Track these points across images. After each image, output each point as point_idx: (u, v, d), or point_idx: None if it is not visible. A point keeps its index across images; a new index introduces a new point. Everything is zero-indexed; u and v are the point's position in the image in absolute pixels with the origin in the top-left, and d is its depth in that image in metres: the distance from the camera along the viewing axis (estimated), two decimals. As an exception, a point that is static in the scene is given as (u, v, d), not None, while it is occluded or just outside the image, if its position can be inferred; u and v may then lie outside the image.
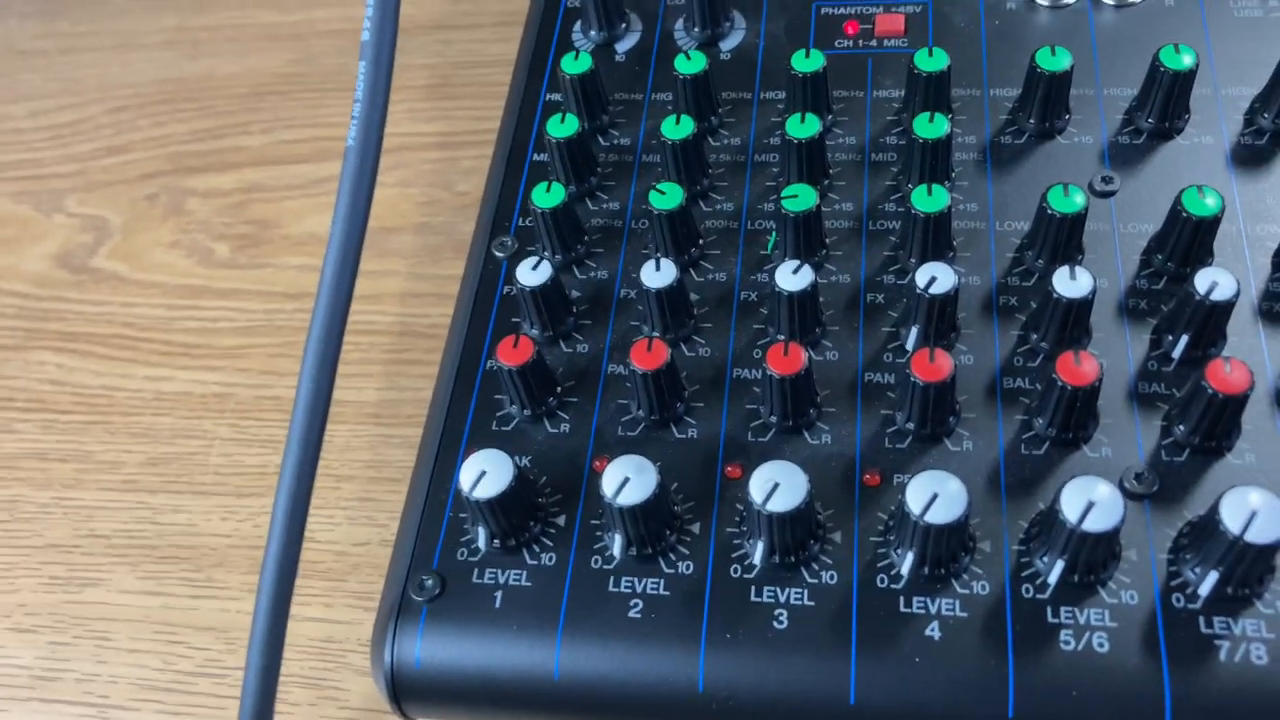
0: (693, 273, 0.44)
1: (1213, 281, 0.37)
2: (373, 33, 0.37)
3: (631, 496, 0.36)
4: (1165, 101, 0.43)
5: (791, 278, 0.40)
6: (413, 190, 0.59)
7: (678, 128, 0.44)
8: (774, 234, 0.44)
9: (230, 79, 0.67)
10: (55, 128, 0.66)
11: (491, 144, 0.51)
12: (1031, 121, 0.45)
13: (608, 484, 0.36)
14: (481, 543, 0.38)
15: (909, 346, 0.40)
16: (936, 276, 0.39)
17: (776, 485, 0.35)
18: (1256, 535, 0.32)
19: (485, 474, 0.37)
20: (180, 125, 0.65)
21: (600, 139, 0.48)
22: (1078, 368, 0.36)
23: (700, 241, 0.44)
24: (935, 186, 0.41)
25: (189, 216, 0.60)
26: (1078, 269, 0.38)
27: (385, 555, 0.44)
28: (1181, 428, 0.37)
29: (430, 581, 0.38)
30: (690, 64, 0.46)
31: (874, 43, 0.49)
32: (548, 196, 0.43)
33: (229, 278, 0.57)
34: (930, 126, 0.42)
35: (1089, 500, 0.33)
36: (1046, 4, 0.49)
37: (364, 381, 0.51)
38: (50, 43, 0.71)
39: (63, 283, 0.58)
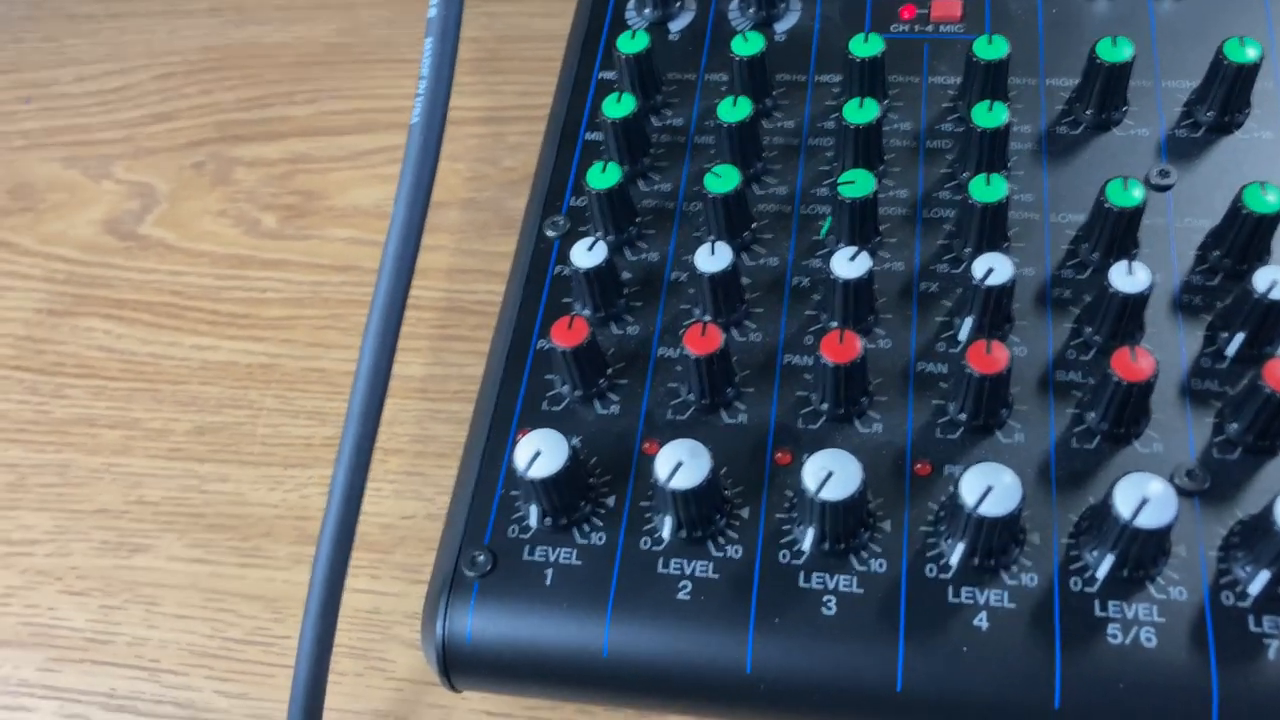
0: (745, 256, 0.44)
1: (1273, 280, 0.37)
2: (440, 7, 0.37)
3: (685, 481, 0.36)
4: (1227, 96, 0.43)
5: (848, 264, 0.40)
6: (459, 165, 0.59)
7: (734, 110, 0.44)
8: (829, 219, 0.44)
9: (276, 47, 0.67)
10: (103, 93, 0.66)
11: (538, 119, 0.51)
12: (1089, 112, 0.45)
13: (661, 467, 0.36)
14: (533, 520, 0.39)
15: (963, 337, 0.40)
16: (994, 268, 0.39)
17: (830, 474, 0.35)
18: (1312, 537, 0.32)
19: (540, 453, 0.37)
20: (227, 93, 0.65)
21: (653, 118, 0.48)
22: (1134, 364, 0.36)
23: (753, 225, 0.44)
24: (994, 176, 0.40)
25: (235, 185, 0.60)
26: (1135, 264, 0.38)
27: (431, 529, 0.45)
28: (1235, 425, 0.37)
29: (482, 557, 0.38)
30: (747, 45, 0.45)
31: (930, 27, 0.49)
32: (603, 177, 0.43)
33: (276, 248, 0.57)
34: (989, 115, 0.42)
35: (1143, 496, 0.33)
36: (1106, -8, 0.48)
37: (411, 356, 0.52)
38: (98, 7, 0.71)
39: (111, 249, 0.59)
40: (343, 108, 0.63)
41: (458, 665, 0.38)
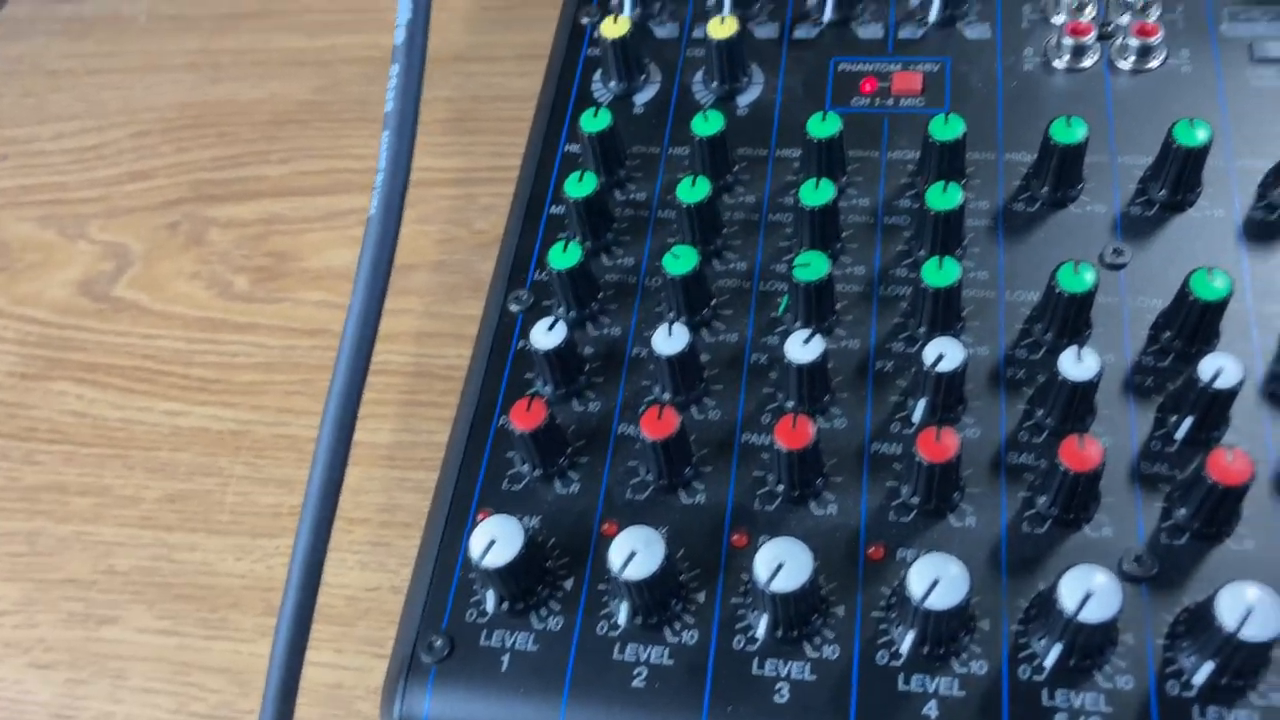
0: (704, 333, 0.44)
1: (1218, 368, 0.37)
2: (396, 100, 0.38)
3: (639, 570, 0.36)
4: (1178, 175, 0.44)
5: (802, 349, 0.40)
6: (430, 227, 0.59)
7: (693, 190, 0.44)
8: (786, 297, 0.44)
9: (252, 105, 0.67)
10: (80, 150, 0.67)
11: (510, 181, 0.52)
12: (1045, 190, 0.45)
13: (615, 557, 0.37)
14: (490, 605, 0.39)
15: (915, 419, 0.41)
16: (944, 354, 0.39)
17: (781, 565, 0.36)
18: (1252, 633, 0.33)
19: (495, 542, 0.37)
20: (202, 152, 0.65)
21: (617, 193, 0.49)
22: (1081, 452, 0.36)
23: (713, 302, 0.45)
24: (946, 260, 0.41)
25: (209, 247, 0.61)
26: (1084, 351, 0.38)
27: (395, 602, 0.45)
28: (1182, 511, 0.38)
29: (439, 642, 0.39)
30: (707, 125, 0.46)
31: (890, 101, 0.49)
32: (564, 257, 0.44)
33: (248, 311, 0.58)
34: (943, 197, 0.43)
35: (1087, 590, 0.34)
36: (1063, 67, 0.49)
37: (378, 423, 0.52)
38: (76, 62, 0.72)
39: (85, 311, 0.59)
40: (317, 167, 0.64)
41: (416, 749, 0.38)
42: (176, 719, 0.45)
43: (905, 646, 0.36)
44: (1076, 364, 0.38)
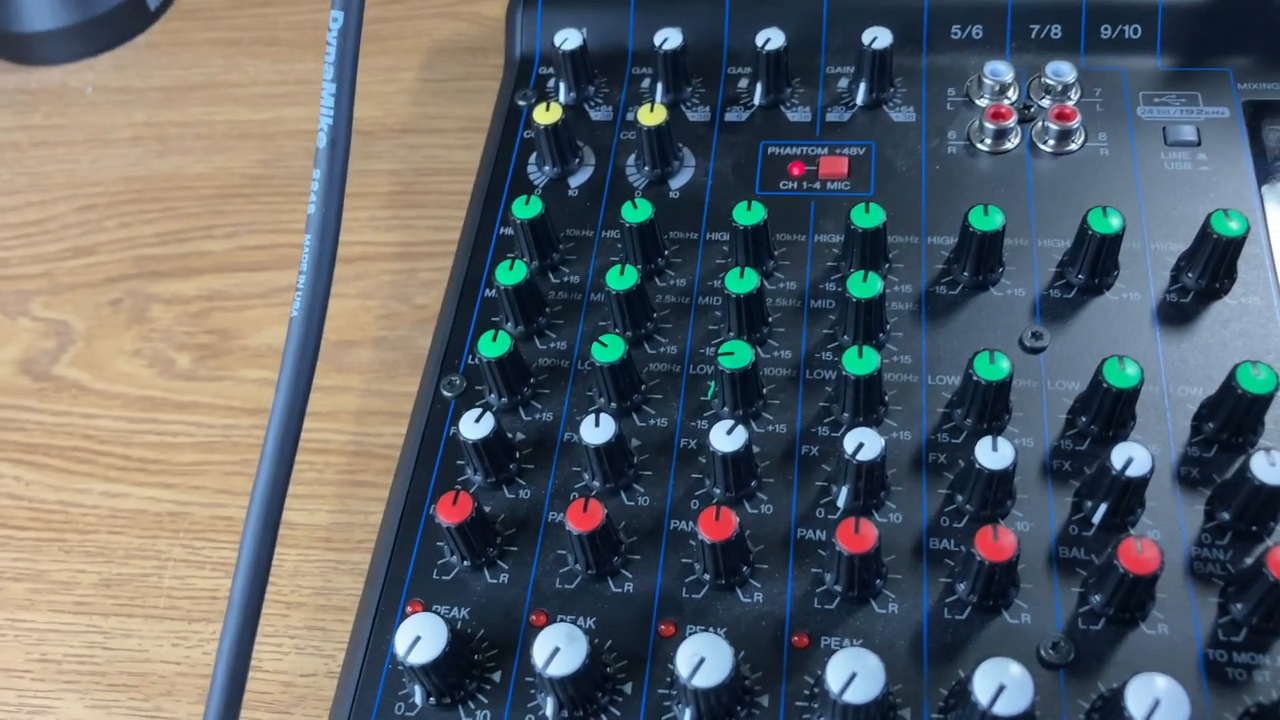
0: (635, 418, 0.45)
1: (1129, 457, 0.38)
2: (319, 204, 0.38)
3: (562, 667, 0.37)
4: (1094, 260, 0.45)
5: (725, 438, 0.41)
6: (372, 302, 0.60)
7: (622, 279, 0.45)
8: (713, 384, 0.45)
9: (197, 179, 0.68)
10: (23, 225, 0.67)
11: (451, 255, 0.52)
12: (966, 274, 0.46)
13: (538, 654, 0.37)
14: (418, 699, 0.39)
15: (840, 504, 0.41)
16: (864, 443, 0.40)
17: (703, 660, 0.36)
18: (1159, 723, 0.33)
19: (420, 639, 0.38)
20: (146, 227, 0.66)
21: (551, 276, 0.49)
22: (995, 543, 0.37)
23: (643, 387, 0.45)
24: (866, 349, 0.42)
25: (151, 324, 0.61)
26: (999, 440, 0.39)
27: (331, 688, 0.45)
28: (1097, 597, 0.38)
29: (368, 737, 0.39)
30: (636, 213, 0.47)
31: (818, 184, 0.51)
32: (494, 346, 0.44)
33: (189, 390, 0.58)
34: (864, 286, 0.44)
35: (1000, 683, 0.34)
36: (987, 149, 0.50)
37: (316, 503, 0.52)
38: (23, 135, 0.72)
39: (25, 390, 0.59)
40: (260, 242, 0.64)
41: None
42: (107, 814, 0.45)
43: (828, 739, 0.37)
44: (991, 454, 0.39)
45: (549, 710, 0.38)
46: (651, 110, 0.50)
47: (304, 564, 0.51)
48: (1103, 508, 0.40)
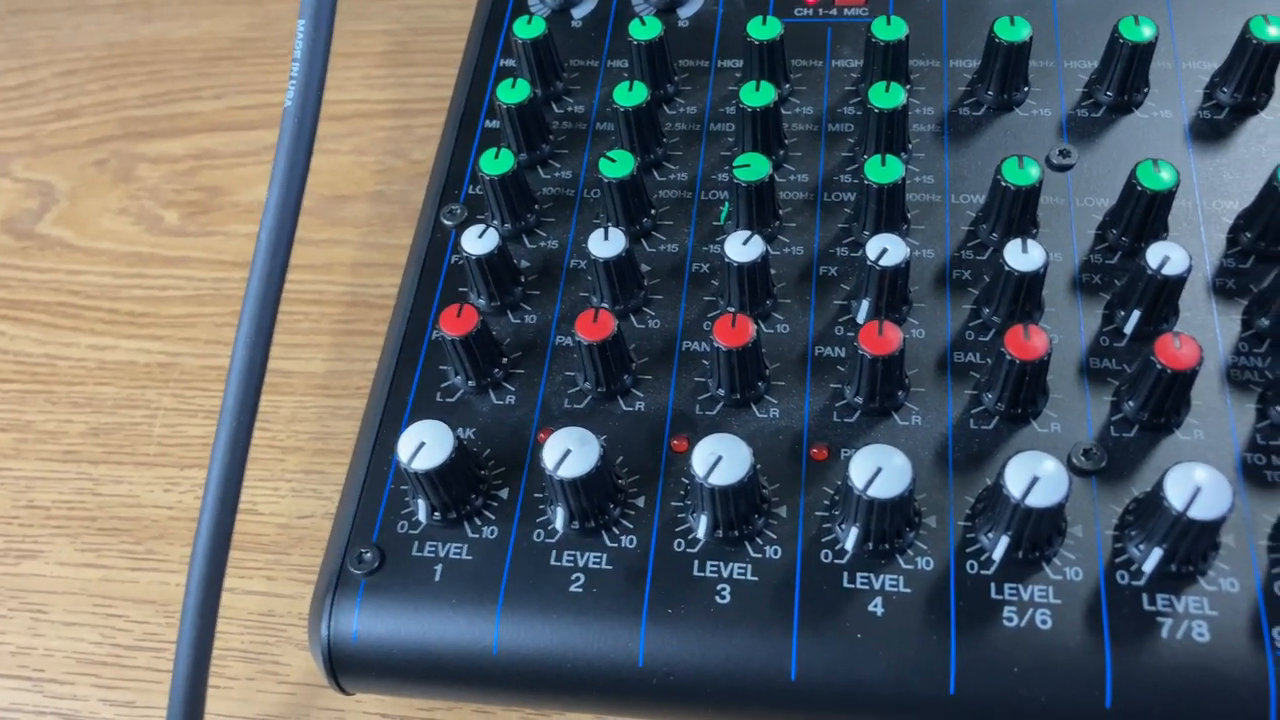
0: (645, 243, 0.43)
1: (1165, 256, 0.37)
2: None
3: (573, 469, 0.35)
4: (1124, 74, 0.43)
5: (741, 249, 0.39)
6: (367, 158, 0.58)
7: (630, 94, 0.43)
8: (727, 204, 0.43)
9: (184, 43, 0.65)
10: (3, 90, 0.64)
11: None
12: (990, 93, 0.44)
13: (549, 456, 0.35)
14: (422, 515, 0.37)
15: (860, 320, 0.40)
16: (888, 248, 0.38)
17: (719, 459, 0.34)
18: (1200, 511, 0.32)
19: (424, 445, 0.36)
20: (131, 90, 0.63)
21: (554, 106, 0.47)
22: (1026, 342, 0.35)
23: (653, 211, 0.43)
24: (889, 157, 0.40)
25: (138, 183, 0.59)
26: (1030, 242, 0.37)
27: (328, 528, 0.43)
28: (1131, 403, 0.37)
29: (369, 554, 0.37)
30: (645, 30, 0.45)
31: (834, 11, 0.48)
32: (496, 163, 0.42)
33: (178, 245, 0.56)
34: (886, 96, 0.41)
35: (1033, 475, 0.33)
36: (1009, -26, 0.48)
37: (312, 352, 0.50)
38: (1, 4, 0.69)
39: (7, 249, 0.57)
40: (250, 102, 0.62)
41: (345, 666, 0.37)
42: (99, 650, 0.43)
43: (850, 543, 0.35)
44: (1022, 255, 0.37)
45: (559, 521, 0.37)
46: (659, -70, 0.47)
47: (301, 410, 0.49)
48: (1136, 314, 0.38)
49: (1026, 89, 0.44)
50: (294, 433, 0.48)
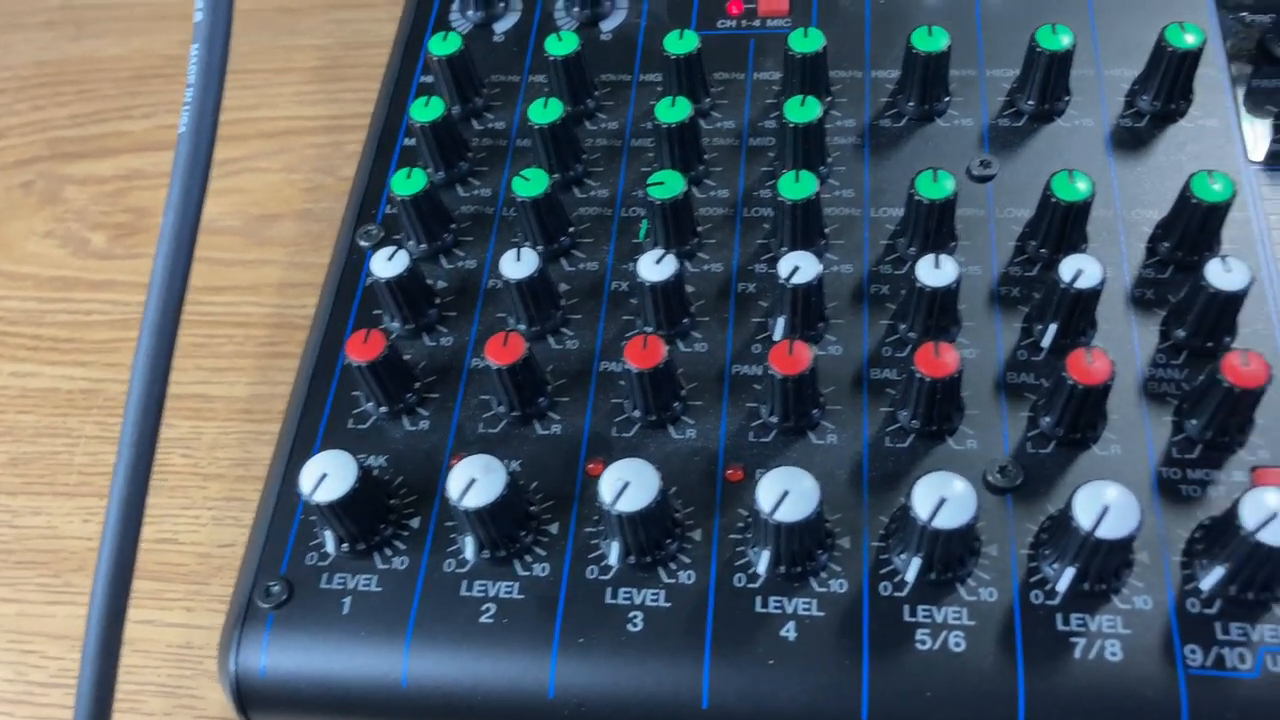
0: (564, 262, 0.43)
1: (1078, 269, 0.36)
2: (206, 13, 0.36)
3: (478, 498, 0.34)
4: (1044, 83, 0.42)
5: (654, 267, 0.38)
6: (296, 176, 0.57)
7: (545, 111, 0.42)
8: (645, 222, 0.42)
9: (114, 61, 0.64)
10: (-71, 112, 0.63)
11: (380, 128, 0.49)
12: (911, 104, 0.44)
13: (453, 486, 0.35)
14: (330, 547, 0.37)
15: (776, 337, 0.39)
16: (799, 266, 0.37)
17: (627, 484, 0.34)
18: (1109, 530, 0.31)
19: (327, 476, 0.35)
20: (59, 109, 0.62)
21: (474, 122, 0.47)
22: (936, 359, 0.35)
23: (571, 229, 0.43)
24: (803, 173, 0.39)
25: (65, 205, 0.58)
26: (942, 257, 0.37)
27: (250, 557, 0.42)
28: (1047, 419, 0.36)
29: (277, 587, 0.36)
30: (561, 45, 0.44)
31: (757, 23, 0.48)
32: (408, 183, 0.41)
33: (104, 269, 0.55)
34: (801, 110, 0.41)
35: (941, 496, 0.32)
36: (932, -18, 0.48)
37: (236, 376, 0.50)
38: (-72, 23, 0.68)
39: (-70, 275, 0.56)
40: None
41: (254, 701, 0.36)
42: (13, 688, 0.42)
43: (762, 567, 0.35)
44: (934, 270, 0.37)
45: (469, 551, 0.36)
46: (578, -57, 0.47)
47: (223, 435, 0.48)
48: (1052, 328, 0.37)
49: (948, 99, 0.44)
50: (215, 459, 0.47)
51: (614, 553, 0.35)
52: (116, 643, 0.35)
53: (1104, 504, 0.32)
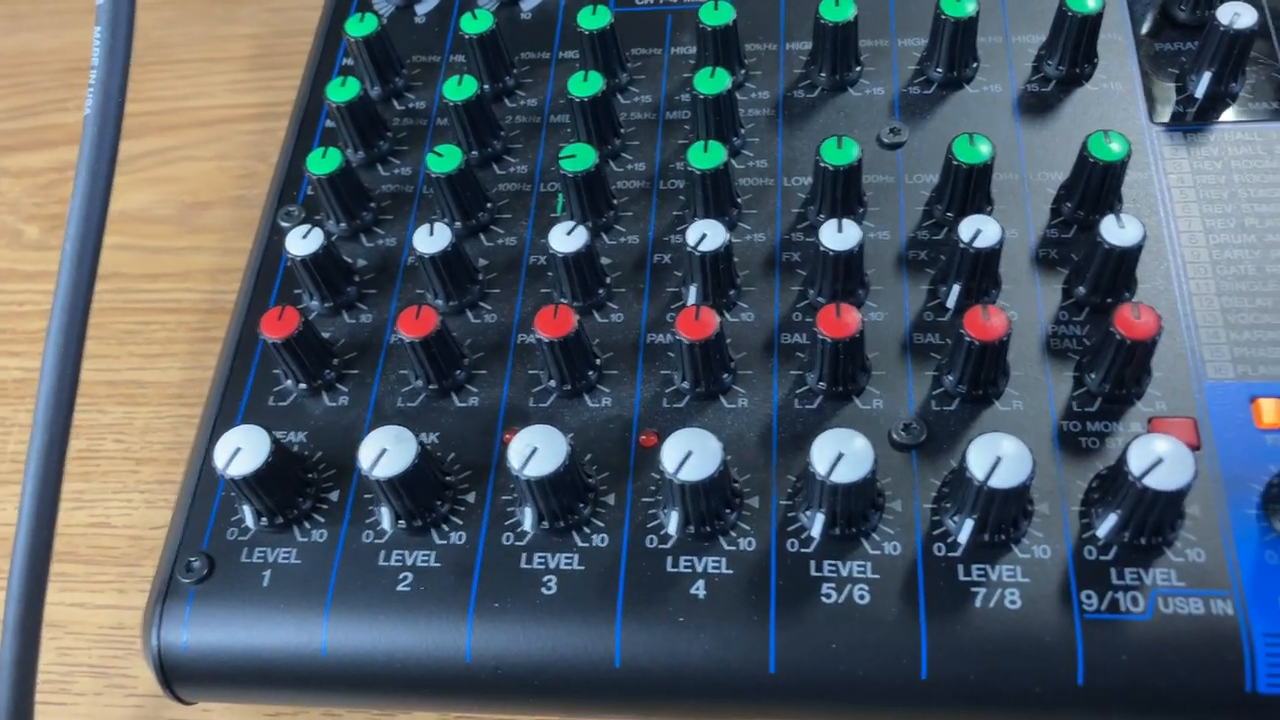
0: (482, 237, 0.43)
1: (977, 229, 0.37)
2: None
3: (390, 468, 0.35)
4: (951, 50, 0.43)
5: (565, 239, 0.39)
6: (229, 164, 0.57)
7: (460, 89, 0.43)
8: (560, 195, 0.43)
9: (48, 54, 0.64)
10: None
11: (312, 113, 0.50)
12: (823, 75, 0.44)
13: (364, 456, 0.35)
14: (250, 521, 0.37)
15: (690, 303, 0.40)
16: (707, 234, 0.38)
17: (534, 450, 0.34)
18: (1001, 480, 0.32)
19: (240, 450, 0.36)
20: (-6, 103, 0.62)
21: (395, 103, 0.47)
22: (838, 320, 0.36)
23: (489, 205, 0.43)
24: (713, 143, 0.40)
25: (-1, 197, 0.58)
26: (845, 221, 0.38)
27: (180, 538, 0.43)
28: (950, 377, 0.37)
29: (198, 563, 0.37)
30: (476, 23, 0.45)
31: (674, -1, 0.48)
32: (323, 162, 0.42)
33: (37, 260, 0.55)
34: (711, 82, 0.42)
35: (839, 452, 0.33)
36: (846, -45, 0.48)
37: (169, 361, 0.50)
38: None
39: None
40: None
41: (178, 675, 0.37)
42: (-56, 674, 0.43)
43: (672, 527, 0.35)
44: (837, 235, 0.37)
45: (386, 521, 0.37)
46: (493, -77, 0.47)
47: (155, 420, 0.48)
48: (956, 288, 0.38)
49: (859, 69, 0.45)
50: (148, 444, 0.48)
51: (528, 518, 0.36)
52: (37, 618, 0.35)
53: (997, 455, 0.32)
